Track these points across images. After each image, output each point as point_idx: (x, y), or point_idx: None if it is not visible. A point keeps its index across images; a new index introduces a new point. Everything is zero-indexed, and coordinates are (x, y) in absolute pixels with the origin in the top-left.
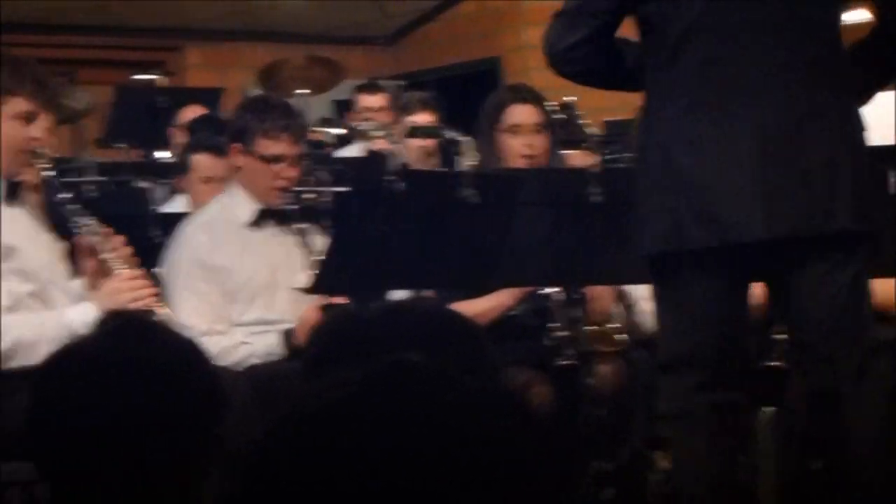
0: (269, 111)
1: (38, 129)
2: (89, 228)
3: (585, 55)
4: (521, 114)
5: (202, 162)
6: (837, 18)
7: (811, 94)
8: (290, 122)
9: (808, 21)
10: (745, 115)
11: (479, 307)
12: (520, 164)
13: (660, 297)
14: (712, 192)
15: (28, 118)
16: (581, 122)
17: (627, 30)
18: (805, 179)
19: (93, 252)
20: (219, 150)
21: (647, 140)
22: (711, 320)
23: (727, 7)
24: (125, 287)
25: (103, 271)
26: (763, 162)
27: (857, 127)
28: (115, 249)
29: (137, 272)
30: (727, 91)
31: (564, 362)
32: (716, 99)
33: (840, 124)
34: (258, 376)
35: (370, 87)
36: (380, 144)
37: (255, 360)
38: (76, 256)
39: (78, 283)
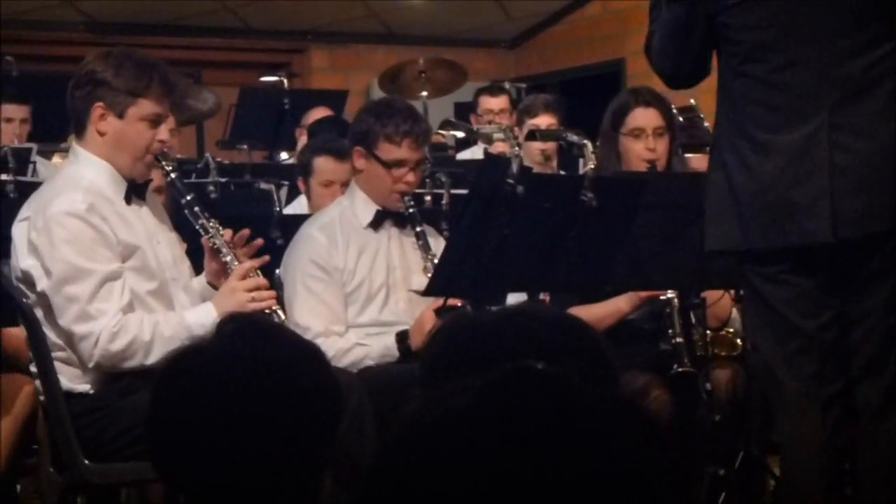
0: (392, 115)
1: (164, 131)
2: (211, 230)
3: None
4: (643, 117)
5: (323, 164)
6: None
7: (878, 100)
8: (412, 126)
9: (874, 27)
10: (815, 120)
11: (596, 312)
12: (641, 167)
13: (747, 299)
14: (784, 196)
15: (155, 121)
16: (703, 124)
17: None
18: (872, 182)
19: (216, 253)
20: (340, 154)
21: (721, 144)
22: (803, 324)
23: (797, 16)
24: (244, 288)
25: (226, 272)
26: (832, 166)
27: None
28: (235, 251)
29: (254, 263)
30: (797, 97)
31: (682, 369)
32: (786, 104)
33: None
34: (372, 378)
35: (493, 90)
36: (500, 147)
37: (369, 362)
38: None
39: (200, 282)
